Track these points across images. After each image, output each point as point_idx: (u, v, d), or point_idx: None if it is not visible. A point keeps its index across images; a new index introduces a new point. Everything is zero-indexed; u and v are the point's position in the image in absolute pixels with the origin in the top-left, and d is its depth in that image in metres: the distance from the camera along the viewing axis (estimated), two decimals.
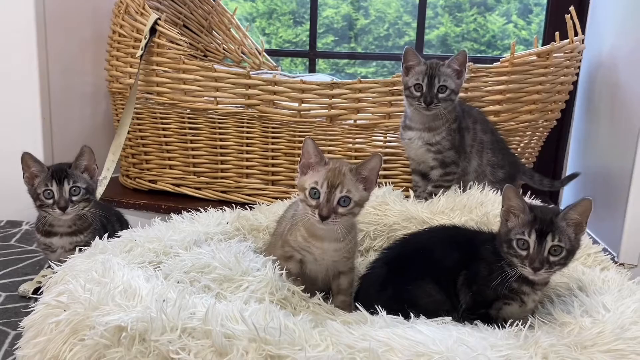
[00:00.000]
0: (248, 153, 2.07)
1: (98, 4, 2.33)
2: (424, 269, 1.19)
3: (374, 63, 3.25)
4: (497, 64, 1.82)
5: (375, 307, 1.04)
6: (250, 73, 1.98)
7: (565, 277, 1.23)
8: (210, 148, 2.10)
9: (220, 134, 2.07)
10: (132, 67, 2.09)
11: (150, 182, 2.22)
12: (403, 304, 1.09)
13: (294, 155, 2.02)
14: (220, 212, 1.60)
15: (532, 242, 1.08)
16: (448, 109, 1.64)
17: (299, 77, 2.15)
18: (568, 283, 1.22)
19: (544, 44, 1.90)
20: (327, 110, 1.93)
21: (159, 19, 2.04)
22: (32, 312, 1.05)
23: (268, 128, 2.02)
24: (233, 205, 1.65)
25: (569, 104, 2.16)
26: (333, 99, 1.92)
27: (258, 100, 1.97)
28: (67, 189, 1.40)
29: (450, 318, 1.06)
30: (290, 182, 2.05)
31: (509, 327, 1.02)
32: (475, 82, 1.82)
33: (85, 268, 1.12)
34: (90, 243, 1.29)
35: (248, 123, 2.03)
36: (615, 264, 1.62)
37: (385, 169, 1.94)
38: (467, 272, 1.17)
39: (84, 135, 2.33)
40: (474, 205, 1.54)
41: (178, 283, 1.13)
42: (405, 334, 0.90)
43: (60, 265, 1.16)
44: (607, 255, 1.41)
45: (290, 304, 1.16)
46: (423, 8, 2.46)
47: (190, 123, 2.09)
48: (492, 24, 3.06)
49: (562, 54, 1.84)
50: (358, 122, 1.92)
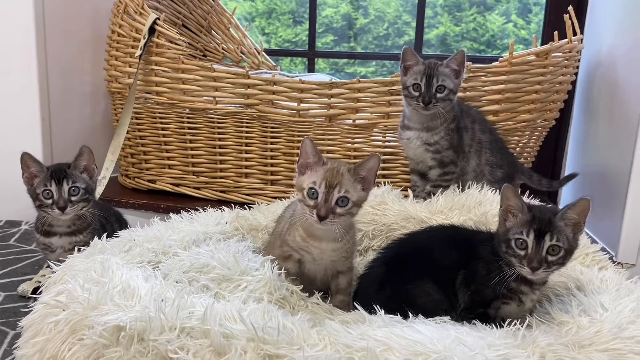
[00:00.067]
0: (247, 153, 2.07)
1: (97, 4, 2.33)
2: (423, 269, 1.19)
3: (374, 62, 3.25)
4: (495, 64, 1.82)
5: (374, 306, 1.04)
6: (249, 73, 1.98)
7: (564, 276, 1.23)
8: (210, 148, 2.10)
9: (219, 134, 2.08)
10: (131, 67, 2.09)
11: (149, 181, 2.22)
12: (401, 304, 1.09)
13: (293, 155, 2.02)
14: (219, 211, 1.60)
15: (530, 241, 1.08)
16: (446, 109, 1.64)
17: (298, 76, 2.14)
18: (566, 282, 1.22)
19: (543, 44, 1.89)
20: (326, 110, 1.93)
21: (158, 19, 2.04)
22: (31, 311, 1.05)
23: (267, 128, 2.02)
24: (232, 205, 1.65)
25: (568, 104, 2.16)
26: (332, 99, 1.92)
27: (257, 100, 1.97)
28: (66, 189, 1.40)
29: (449, 317, 1.06)
30: (289, 181, 2.05)
31: (507, 326, 1.02)
32: (474, 81, 1.82)
33: (84, 268, 1.12)
34: (90, 243, 1.29)
35: (247, 123, 2.03)
36: (614, 264, 1.62)
37: (384, 169, 1.94)
38: (465, 271, 1.17)
39: (83, 135, 2.33)
40: (473, 205, 1.54)
41: (177, 283, 1.14)
42: (403, 334, 0.90)
43: (59, 265, 1.17)
44: (605, 255, 1.41)
45: (289, 304, 1.16)
46: (422, 7, 2.46)
47: (190, 123, 2.09)
48: (491, 24, 3.06)
49: (560, 54, 1.84)
50: (357, 121, 1.92)
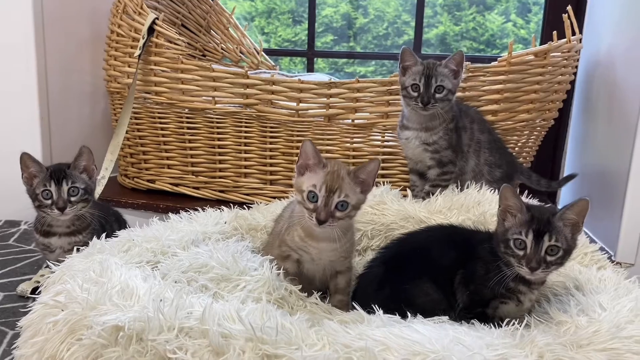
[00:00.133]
0: (246, 152, 2.07)
1: (96, 4, 2.33)
2: (422, 268, 1.19)
3: (373, 62, 3.25)
4: (494, 64, 1.82)
5: (373, 306, 1.04)
6: (249, 73, 1.98)
7: (562, 276, 1.23)
8: (209, 148, 2.10)
9: (219, 134, 2.08)
10: (130, 66, 2.09)
11: (149, 181, 2.22)
12: (400, 303, 1.09)
13: (292, 155, 2.02)
14: (218, 211, 1.60)
15: (529, 242, 1.08)
16: (445, 109, 1.64)
17: (297, 76, 2.15)
18: (564, 282, 1.22)
19: (542, 43, 1.89)
20: (325, 110, 1.93)
21: (157, 19, 2.04)
22: (30, 311, 1.05)
23: (266, 127, 2.02)
24: (231, 205, 1.65)
25: (567, 104, 2.16)
26: (331, 99, 1.92)
27: (256, 100, 1.97)
28: (65, 190, 1.40)
29: (447, 317, 1.06)
30: (288, 181, 2.05)
31: (505, 326, 1.02)
32: (473, 81, 1.82)
33: (83, 268, 1.12)
34: (89, 243, 1.29)
35: (246, 123, 2.03)
36: (612, 263, 1.63)
37: (383, 169, 1.94)
38: (464, 271, 1.18)
39: (83, 135, 2.33)
40: (471, 205, 1.54)
41: (175, 283, 1.14)
42: (402, 333, 0.90)
43: (58, 265, 1.17)
44: (604, 254, 1.41)
45: (288, 304, 1.16)
46: (422, 7, 2.47)
47: (189, 123, 2.09)
48: (491, 23, 3.06)
49: (559, 54, 1.84)
50: (356, 121, 1.92)
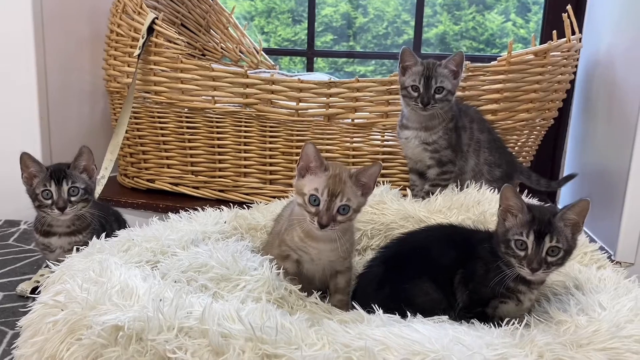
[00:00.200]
0: (246, 152, 2.07)
1: (96, 3, 2.33)
2: (421, 268, 1.19)
3: (373, 61, 3.25)
4: (494, 63, 1.82)
5: (372, 305, 1.04)
6: (248, 72, 1.97)
7: (562, 275, 1.23)
8: (208, 147, 2.10)
9: (218, 133, 2.07)
10: (129, 66, 2.09)
11: (148, 181, 2.22)
12: (400, 303, 1.09)
13: (292, 155, 2.02)
14: (218, 211, 1.60)
15: (530, 243, 1.08)
16: (445, 109, 1.64)
17: (297, 76, 2.15)
18: (564, 281, 1.22)
19: (542, 43, 1.89)
20: (324, 110, 1.93)
21: (157, 18, 2.04)
22: (29, 311, 1.05)
23: (266, 127, 2.02)
24: (231, 205, 1.65)
25: (567, 103, 2.16)
26: (331, 98, 1.92)
27: (256, 100, 1.97)
28: (65, 190, 1.40)
29: (447, 317, 1.06)
30: (288, 181, 2.05)
31: (505, 325, 1.02)
32: (473, 81, 1.82)
33: (83, 267, 1.12)
34: (89, 243, 1.28)
35: (246, 122, 2.03)
36: (612, 262, 1.63)
37: (383, 168, 1.93)
38: (464, 270, 1.18)
39: (82, 135, 2.33)
40: (471, 204, 1.54)
41: (175, 282, 1.14)
42: (402, 333, 0.90)
43: (58, 265, 1.17)
44: (603, 254, 1.41)
45: (288, 303, 1.16)
46: (421, 6, 2.47)
47: (188, 122, 2.09)
48: (490, 22, 3.06)
49: (559, 53, 1.84)
50: (356, 121, 1.92)
